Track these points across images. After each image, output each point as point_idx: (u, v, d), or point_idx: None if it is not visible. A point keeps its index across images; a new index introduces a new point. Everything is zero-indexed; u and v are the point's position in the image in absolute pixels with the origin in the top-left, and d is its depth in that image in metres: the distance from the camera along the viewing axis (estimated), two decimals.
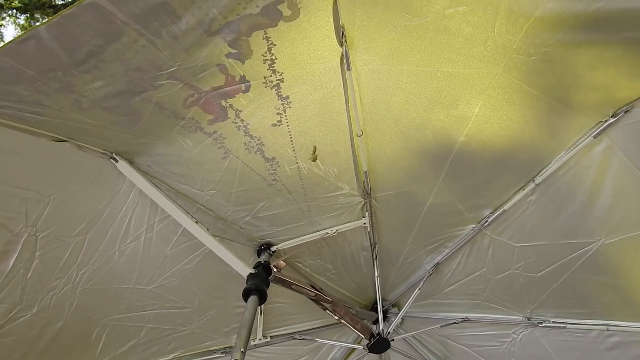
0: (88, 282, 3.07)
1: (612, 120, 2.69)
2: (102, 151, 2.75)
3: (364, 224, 3.71)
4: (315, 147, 2.91)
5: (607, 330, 3.64)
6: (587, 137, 2.83)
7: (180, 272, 3.42)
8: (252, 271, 3.07)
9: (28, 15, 16.75)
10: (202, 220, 3.13)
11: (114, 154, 2.78)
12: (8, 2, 16.17)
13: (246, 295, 2.86)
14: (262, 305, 3.86)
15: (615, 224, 3.12)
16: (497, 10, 2.19)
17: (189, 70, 2.32)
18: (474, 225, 3.69)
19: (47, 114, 2.31)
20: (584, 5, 2.06)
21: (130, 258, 3.19)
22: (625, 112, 2.63)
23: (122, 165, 2.81)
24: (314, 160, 2.98)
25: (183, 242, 3.30)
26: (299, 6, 2.17)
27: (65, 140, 2.56)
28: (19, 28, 17.27)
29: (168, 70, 2.28)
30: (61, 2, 17.24)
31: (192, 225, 3.01)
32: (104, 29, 1.98)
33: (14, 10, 16.45)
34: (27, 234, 2.67)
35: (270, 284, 3.15)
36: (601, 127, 2.75)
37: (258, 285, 2.90)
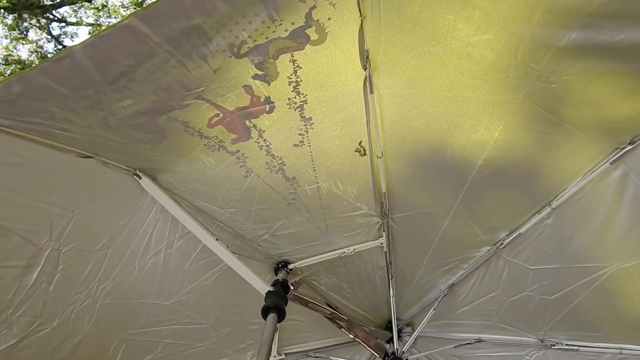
0: (107, 297, 3.10)
1: (629, 147, 2.69)
2: (127, 168, 2.79)
3: (381, 244, 3.72)
4: (361, 141, 2.90)
5: (621, 353, 3.63)
6: (604, 164, 2.83)
7: (198, 289, 3.44)
8: (271, 289, 3.08)
9: (16, 15, 16.86)
10: (221, 237, 3.15)
11: (137, 171, 2.82)
12: None
13: (265, 313, 2.87)
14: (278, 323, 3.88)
15: (630, 249, 3.11)
16: (520, 39, 2.22)
17: (215, 91, 2.37)
18: (489, 248, 3.69)
19: (76, 130, 2.35)
20: (606, 37, 2.08)
21: (150, 273, 3.21)
22: None
23: (145, 182, 2.85)
24: (362, 155, 2.96)
25: (202, 259, 3.32)
26: (326, 30, 2.21)
27: (91, 157, 2.60)
28: (6, 28, 17.43)
29: (196, 90, 2.32)
30: (49, 2, 17.35)
31: (213, 242, 3.04)
32: (136, 50, 2.03)
33: (2, 10, 16.54)
34: (50, 248, 2.71)
35: (288, 301, 3.16)
36: (618, 154, 2.75)
37: (277, 303, 2.91)
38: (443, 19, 2.20)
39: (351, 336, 3.85)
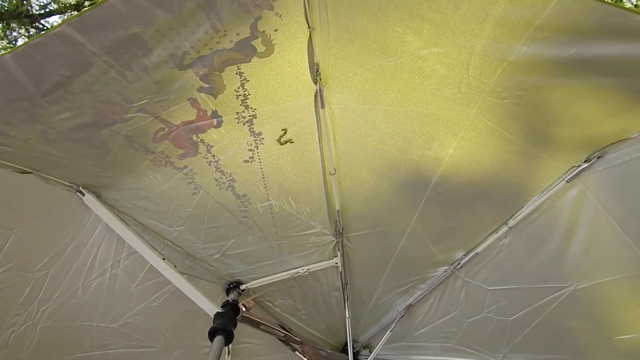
0: (49, 319, 2.98)
1: (585, 165, 2.68)
2: (69, 184, 2.68)
3: (336, 263, 3.67)
4: (285, 130, 2.74)
5: None
6: (560, 182, 2.82)
7: (146, 310, 3.33)
8: (220, 310, 3.00)
9: (4, 24, 16.64)
10: (170, 256, 3.07)
11: (80, 187, 2.71)
12: None
13: (212, 335, 2.80)
14: (231, 346, 3.78)
15: (587, 269, 3.10)
16: (471, 53, 2.18)
17: (159, 104, 2.28)
18: (446, 268, 3.67)
19: (12, 144, 2.24)
20: (558, 52, 2.06)
21: (95, 294, 3.10)
22: (598, 157, 2.62)
23: (89, 199, 2.74)
24: (282, 144, 2.81)
25: (150, 279, 3.22)
26: (273, 42, 2.16)
27: (30, 172, 2.49)
28: None
29: (138, 103, 2.23)
30: (38, 11, 17.17)
31: (159, 262, 2.94)
32: (72, 60, 1.94)
33: None
34: None
35: (238, 323, 3.07)
36: (574, 172, 2.74)
37: (225, 325, 2.84)
38: (392, 31, 2.16)
39: (305, 359, 3.77)
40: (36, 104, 2.06)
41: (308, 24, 2.15)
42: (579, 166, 2.71)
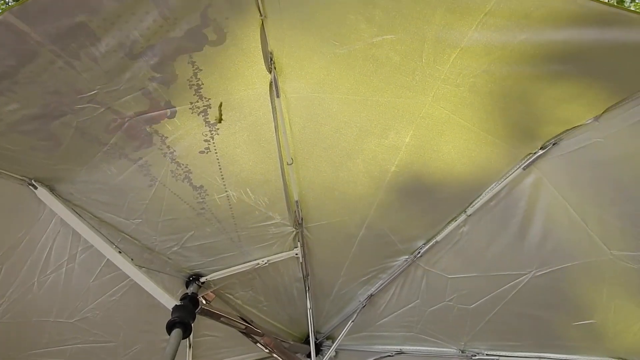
0: (4, 316, 2.95)
1: (541, 152, 2.71)
2: (21, 177, 2.62)
3: (296, 254, 3.66)
4: (221, 103, 2.62)
5: None
6: (516, 169, 2.85)
7: (105, 305, 3.29)
8: (178, 303, 2.97)
9: None
10: (128, 250, 3.02)
11: (33, 181, 2.65)
12: None
13: (170, 328, 2.78)
14: (192, 338, 3.76)
15: (545, 256, 3.14)
16: (424, 40, 2.19)
17: (111, 94, 2.23)
18: (407, 257, 3.68)
19: None
20: (508, 38, 2.08)
21: (51, 290, 3.06)
22: (554, 144, 2.66)
23: (42, 193, 2.68)
24: (219, 121, 2.70)
25: (107, 273, 3.18)
26: (224, 30, 2.13)
27: None
28: None
29: (88, 94, 2.18)
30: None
31: (115, 256, 2.90)
32: (16, 49, 1.89)
33: None
34: None
35: (198, 316, 3.05)
36: (530, 159, 2.77)
37: (183, 318, 2.83)
38: (345, 19, 2.15)
39: (267, 351, 3.76)
40: None
41: (260, 11, 2.12)
42: (535, 153, 2.74)
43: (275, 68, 2.41)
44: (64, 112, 2.24)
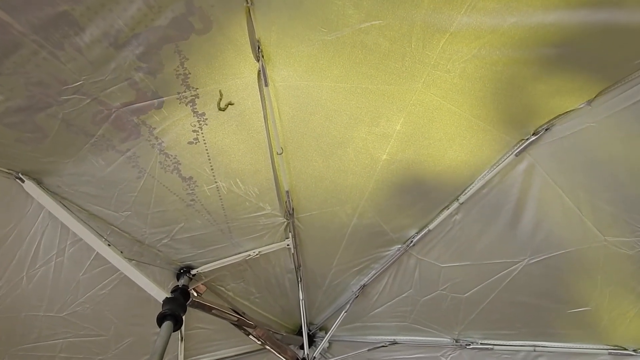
0: None
1: (533, 138, 2.69)
2: (7, 171, 2.59)
3: (287, 245, 3.65)
4: (220, 92, 2.59)
5: (534, 351, 3.69)
6: (509, 156, 2.84)
7: (95, 298, 3.27)
8: (169, 296, 2.95)
9: None
10: (117, 243, 3.01)
11: (20, 174, 2.62)
12: None
13: (160, 320, 2.77)
14: (184, 331, 3.75)
15: (539, 244, 3.14)
16: (412, 25, 2.17)
17: (96, 85, 2.20)
18: (399, 246, 3.67)
19: None
20: (498, 21, 2.06)
21: (40, 284, 3.04)
22: (546, 130, 2.64)
23: (29, 186, 2.66)
24: (222, 110, 2.68)
25: (97, 267, 3.16)
26: (210, 18, 2.10)
27: None
28: None
29: (73, 85, 2.15)
30: None
31: (104, 249, 2.88)
32: None
33: None
34: None
35: (189, 309, 3.04)
36: (522, 145, 2.75)
37: (173, 311, 2.81)
38: (332, 4, 2.13)
39: (259, 343, 3.75)
40: None
41: None
42: (527, 139, 2.73)
43: (263, 56, 2.39)
44: (49, 104, 2.21)
